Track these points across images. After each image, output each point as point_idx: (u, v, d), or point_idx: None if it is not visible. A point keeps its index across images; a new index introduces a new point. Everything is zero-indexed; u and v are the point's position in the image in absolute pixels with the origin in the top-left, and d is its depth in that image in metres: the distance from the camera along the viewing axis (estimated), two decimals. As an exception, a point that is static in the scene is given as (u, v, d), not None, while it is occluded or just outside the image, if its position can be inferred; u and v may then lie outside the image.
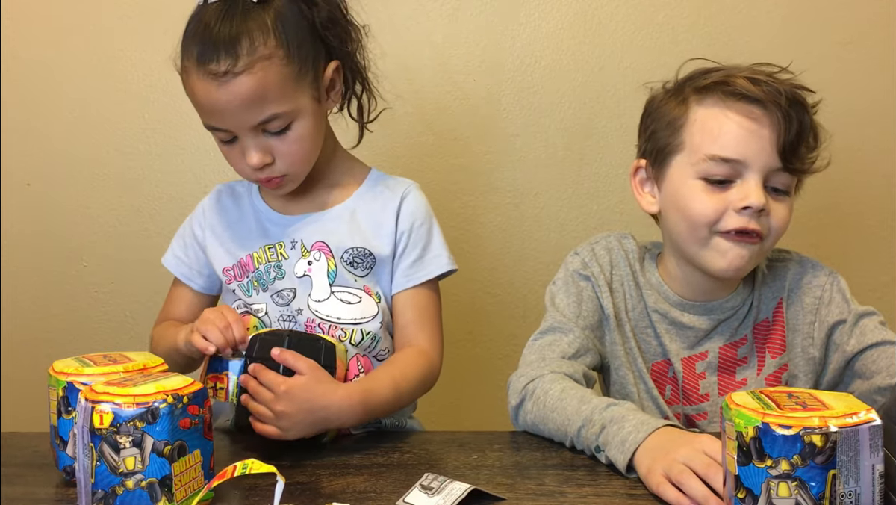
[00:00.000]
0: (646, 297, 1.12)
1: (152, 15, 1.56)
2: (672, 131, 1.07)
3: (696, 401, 1.11)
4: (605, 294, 1.11)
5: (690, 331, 1.10)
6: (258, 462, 0.71)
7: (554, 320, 1.11)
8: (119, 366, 0.88)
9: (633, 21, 1.55)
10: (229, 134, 1.05)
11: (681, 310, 1.11)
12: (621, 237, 1.16)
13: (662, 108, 1.10)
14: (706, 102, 1.05)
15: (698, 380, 1.11)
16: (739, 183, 1.02)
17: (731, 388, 1.10)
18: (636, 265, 1.14)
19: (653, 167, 1.10)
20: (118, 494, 0.75)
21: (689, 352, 1.11)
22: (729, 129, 1.02)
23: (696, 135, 1.05)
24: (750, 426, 0.70)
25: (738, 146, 1.02)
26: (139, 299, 1.60)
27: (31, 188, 1.60)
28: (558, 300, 1.13)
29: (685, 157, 1.06)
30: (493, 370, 1.61)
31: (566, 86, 1.56)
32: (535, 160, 1.57)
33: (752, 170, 1.02)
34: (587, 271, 1.12)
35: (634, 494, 0.84)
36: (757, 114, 1.02)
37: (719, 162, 1.02)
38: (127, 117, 1.58)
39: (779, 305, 1.12)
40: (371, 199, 1.14)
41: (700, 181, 1.04)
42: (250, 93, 1.00)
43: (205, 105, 1.03)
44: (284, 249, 1.11)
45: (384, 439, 1.05)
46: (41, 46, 1.57)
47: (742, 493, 0.71)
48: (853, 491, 0.68)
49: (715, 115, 1.04)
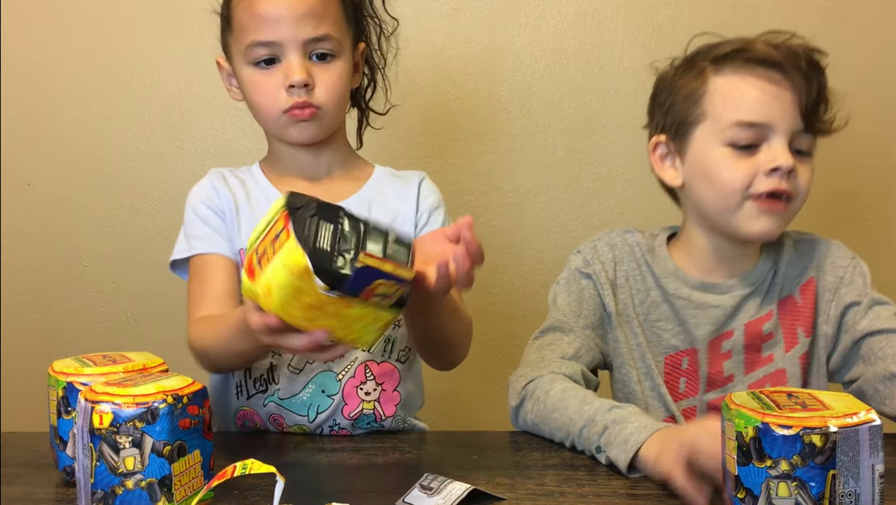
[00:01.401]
0: (664, 285, 1.11)
1: (153, 15, 1.56)
2: (691, 103, 1.08)
3: (720, 384, 1.10)
4: (607, 292, 1.11)
5: (717, 310, 1.10)
6: (258, 462, 0.71)
7: (554, 319, 1.12)
8: (119, 366, 0.88)
9: (633, 21, 1.55)
10: (273, 52, 1.05)
11: (703, 291, 1.10)
12: (624, 232, 1.16)
13: (678, 82, 1.11)
14: (724, 71, 1.07)
15: (723, 361, 1.10)
16: (766, 146, 1.04)
17: (758, 364, 1.10)
18: (646, 257, 1.13)
19: (674, 141, 1.11)
20: (118, 495, 0.75)
21: (716, 333, 1.10)
22: (752, 94, 1.04)
23: (718, 103, 1.06)
24: (750, 426, 0.70)
25: (762, 110, 1.03)
26: (139, 300, 1.60)
27: (32, 188, 1.60)
28: (560, 299, 1.13)
29: (708, 126, 1.06)
30: (493, 370, 1.61)
31: (566, 86, 1.56)
32: (535, 160, 1.57)
33: (778, 132, 1.03)
34: (589, 269, 1.13)
35: (634, 494, 0.84)
36: (777, 77, 1.04)
37: (745, 127, 1.04)
38: (127, 117, 1.58)
39: (808, 283, 1.12)
40: (385, 190, 1.14)
41: (727, 148, 1.05)
42: (314, 5, 1.04)
43: (264, 13, 1.04)
44: None
45: (384, 439, 1.05)
46: (41, 46, 1.57)
47: (742, 493, 0.71)
48: (853, 491, 0.68)
49: (735, 83, 1.06)
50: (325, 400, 1.07)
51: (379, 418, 1.08)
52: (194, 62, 1.56)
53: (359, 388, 1.07)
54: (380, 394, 1.08)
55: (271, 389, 1.07)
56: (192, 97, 1.58)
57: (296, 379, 1.07)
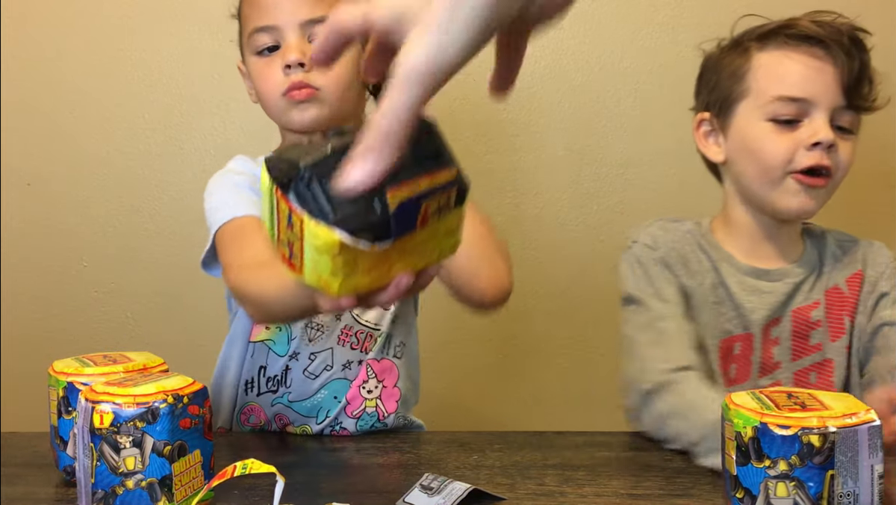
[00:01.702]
0: (720, 269, 1.11)
1: (153, 15, 1.56)
2: (735, 80, 1.09)
3: (770, 370, 1.11)
4: (680, 272, 1.11)
5: (772, 296, 1.10)
6: (258, 462, 0.71)
7: (649, 312, 1.08)
8: (119, 366, 0.88)
9: (633, 21, 1.55)
10: (273, 37, 1.05)
11: (755, 277, 1.11)
12: (671, 220, 1.16)
13: (723, 60, 1.13)
14: (768, 48, 1.08)
15: (772, 347, 1.11)
16: (807, 122, 1.05)
17: (805, 352, 1.11)
18: (699, 241, 1.13)
19: (717, 118, 1.12)
20: (118, 494, 0.75)
21: (769, 318, 1.10)
22: (794, 69, 1.06)
23: (762, 79, 1.07)
24: (748, 426, 0.70)
25: (804, 85, 1.05)
26: (139, 299, 1.60)
27: (32, 188, 1.60)
28: (641, 292, 1.10)
29: (751, 101, 1.08)
30: (493, 370, 1.61)
31: (566, 86, 1.56)
32: (535, 160, 1.57)
33: (819, 108, 1.04)
34: (656, 254, 1.11)
35: (635, 495, 0.84)
36: (820, 54, 1.05)
37: (787, 102, 1.05)
38: (127, 117, 1.58)
39: (855, 275, 1.13)
40: None
41: (769, 123, 1.06)
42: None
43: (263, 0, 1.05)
44: None
45: (384, 439, 1.05)
46: (41, 46, 1.57)
47: (740, 493, 0.71)
48: (852, 491, 0.68)
49: (779, 59, 1.07)
50: (334, 404, 1.07)
51: (382, 416, 1.08)
52: (194, 62, 1.56)
53: (361, 386, 1.07)
54: (381, 391, 1.08)
55: (282, 391, 1.07)
56: (192, 97, 1.58)
57: (310, 384, 1.07)
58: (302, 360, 1.06)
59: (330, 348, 1.07)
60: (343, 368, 1.07)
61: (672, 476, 0.88)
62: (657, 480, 0.88)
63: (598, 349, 1.61)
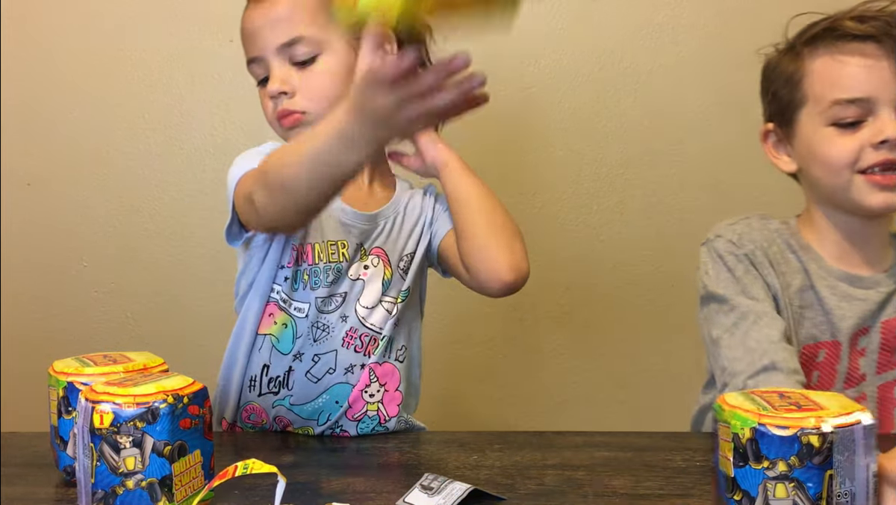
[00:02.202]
0: (810, 271, 1.08)
1: (153, 15, 1.56)
2: (792, 87, 1.07)
3: (856, 381, 1.07)
4: (767, 271, 1.06)
5: (864, 304, 1.07)
6: (259, 462, 0.71)
7: (735, 311, 1.04)
8: (119, 366, 0.88)
9: (633, 21, 1.55)
10: (262, 68, 1.06)
11: (848, 283, 1.08)
12: (760, 218, 1.12)
13: (778, 68, 1.10)
14: (818, 51, 1.06)
15: (858, 358, 1.07)
16: (871, 120, 1.02)
17: (890, 366, 1.07)
18: (789, 241, 1.09)
19: (781, 128, 1.10)
20: (118, 495, 0.75)
21: (858, 327, 1.07)
22: (847, 71, 1.03)
23: (817, 85, 1.05)
24: (746, 428, 0.69)
25: (860, 85, 1.02)
26: (139, 299, 1.60)
27: (32, 188, 1.60)
28: (726, 289, 1.05)
29: (811, 108, 1.05)
30: (493, 370, 1.61)
31: (566, 86, 1.56)
32: (535, 160, 1.57)
33: (881, 104, 1.01)
34: (742, 251, 1.07)
35: (635, 495, 0.84)
36: (871, 49, 1.02)
37: (845, 105, 1.02)
38: (127, 117, 1.58)
39: None
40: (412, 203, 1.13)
41: (831, 128, 1.03)
42: (279, 11, 1.03)
43: (245, 31, 1.06)
44: (347, 250, 1.07)
45: (384, 439, 1.05)
46: (41, 46, 1.58)
47: (738, 495, 0.70)
48: (849, 491, 0.68)
49: (829, 63, 1.04)
50: (336, 408, 1.07)
51: (383, 420, 1.08)
52: (194, 62, 1.56)
53: (364, 391, 1.07)
54: (383, 395, 1.08)
55: (283, 393, 1.07)
56: (192, 97, 1.58)
57: (312, 387, 1.06)
58: (306, 361, 1.06)
59: (334, 350, 1.06)
60: (346, 371, 1.07)
61: (672, 476, 0.88)
62: (657, 480, 0.87)
63: (598, 349, 1.61)
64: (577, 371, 1.61)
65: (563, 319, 1.60)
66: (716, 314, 1.06)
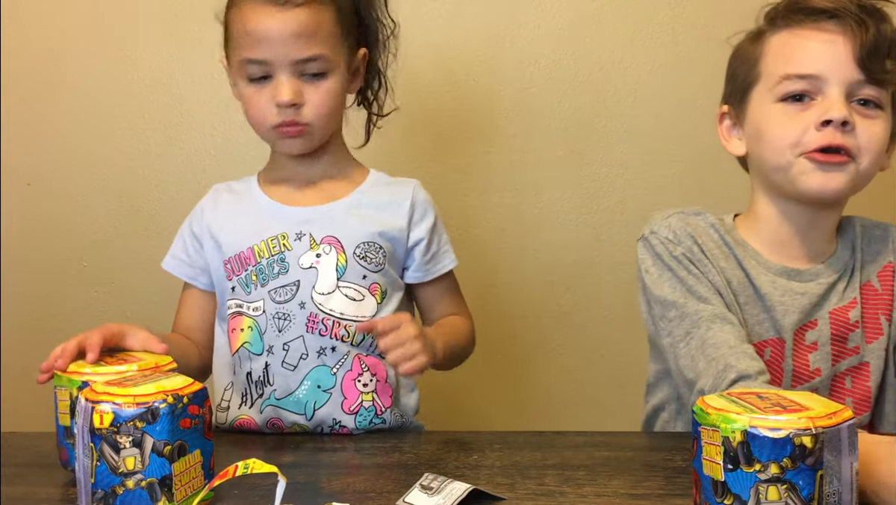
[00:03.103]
0: (748, 268, 1.04)
1: (153, 15, 1.56)
2: (749, 67, 1.05)
3: (805, 379, 1.04)
4: (707, 268, 1.03)
5: (804, 298, 1.04)
6: (259, 462, 0.71)
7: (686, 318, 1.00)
8: (129, 365, 0.88)
9: (633, 21, 1.55)
10: (264, 69, 1.06)
11: (787, 278, 1.04)
12: (693, 213, 1.08)
13: (740, 51, 1.09)
14: (779, 29, 1.04)
15: (808, 353, 1.04)
16: (819, 99, 0.99)
17: (843, 356, 1.04)
18: (725, 237, 1.06)
19: (735, 109, 1.08)
20: (118, 494, 0.75)
21: (801, 322, 1.04)
22: (802, 46, 1.00)
23: (771, 62, 1.03)
24: (737, 431, 0.68)
25: (812, 61, 0.99)
26: (139, 299, 1.60)
27: (32, 188, 1.60)
28: (672, 295, 1.02)
29: (762, 85, 1.03)
30: (493, 370, 1.61)
31: (566, 86, 1.56)
32: (535, 160, 1.57)
33: (832, 83, 0.98)
34: (678, 250, 1.04)
35: (635, 495, 0.84)
36: (829, 27, 0.99)
37: (795, 80, 0.99)
38: (127, 117, 1.58)
39: (885, 268, 1.07)
40: (378, 194, 1.15)
41: (779, 104, 1.01)
42: (304, 25, 1.04)
43: (254, 32, 1.05)
44: (288, 241, 1.10)
45: (384, 439, 1.05)
46: (41, 46, 1.57)
47: (729, 499, 0.69)
48: (836, 490, 0.68)
49: (787, 39, 1.02)
50: (321, 395, 1.07)
51: (379, 411, 1.09)
52: (194, 62, 1.56)
53: (356, 380, 1.08)
54: (376, 385, 1.09)
55: (267, 391, 1.08)
56: (192, 97, 1.58)
57: (291, 376, 1.07)
58: (277, 352, 1.08)
59: (300, 336, 1.08)
60: (318, 354, 1.08)
61: (672, 476, 0.88)
62: (657, 480, 0.87)
63: (598, 349, 1.61)
64: (577, 371, 1.61)
65: (563, 319, 1.60)
66: (666, 321, 1.02)
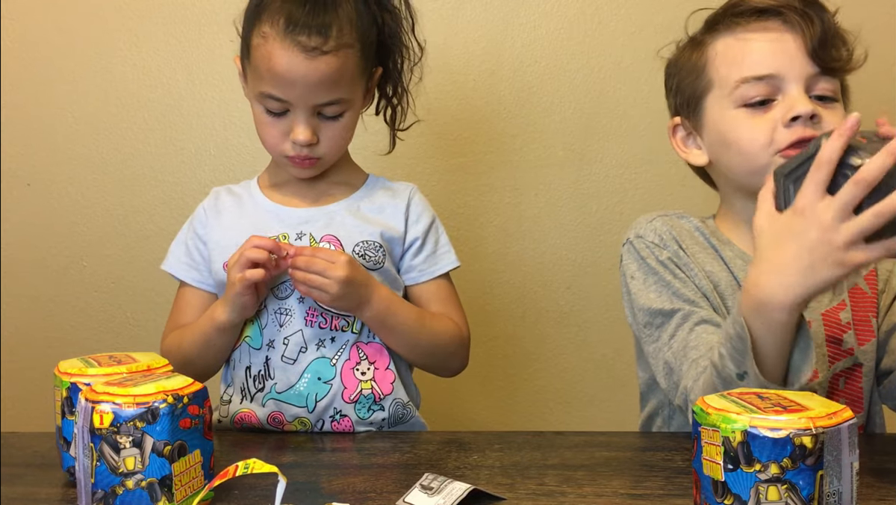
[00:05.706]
0: (735, 270, 1.03)
1: (153, 15, 1.56)
2: (696, 76, 1.04)
3: None
4: (692, 272, 1.02)
5: None
6: (260, 462, 0.71)
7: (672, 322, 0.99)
8: (123, 367, 0.88)
9: (633, 21, 1.55)
10: (283, 106, 1.07)
11: None
12: (676, 214, 1.07)
13: (680, 60, 1.08)
14: (720, 34, 1.02)
15: None
16: (781, 98, 0.97)
17: (838, 357, 1.03)
18: (710, 240, 1.05)
19: (689, 119, 1.06)
20: (118, 494, 0.75)
21: None
22: (751, 47, 0.99)
23: (721, 67, 1.01)
24: (738, 431, 0.68)
25: (766, 61, 0.98)
26: (139, 300, 1.60)
27: (32, 188, 1.60)
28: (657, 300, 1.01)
29: (717, 92, 1.01)
30: (493, 370, 1.61)
31: (566, 86, 1.56)
32: (535, 160, 1.57)
33: (790, 80, 0.97)
34: (664, 254, 1.02)
35: (635, 494, 0.84)
36: (775, 24, 0.99)
37: (753, 83, 0.98)
38: (127, 117, 1.58)
39: (870, 271, 1.06)
40: (375, 196, 1.17)
41: (740, 109, 0.99)
42: (330, 73, 1.04)
43: (280, 73, 1.04)
44: (288, 240, 1.10)
45: (384, 439, 1.05)
46: (41, 47, 1.57)
47: (729, 499, 0.69)
48: (836, 490, 0.68)
49: (732, 42, 1.01)
50: (322, 387, 1.07)
51: (378, 398, 1.09)
52: (194, 62, 1.56)
53: (354, 369, 1.09)
54: (374, 372, 1.09)
55: (268, 385, 1.08)
56: (192, 97, 1.58)
57: (291, 369, 1.08)
58: (277, 346, 1.08)
59: (299, 330, 1.08)
60: (318, 346, 1.08)
61: (672, 476, 0.88)
62: (657, 480, 0.87)
63: (598, 350, 1.61)
64: (577, 371, 1.61)
65: (563, 319, 1.60)
66: (652, 328, 1.02)
